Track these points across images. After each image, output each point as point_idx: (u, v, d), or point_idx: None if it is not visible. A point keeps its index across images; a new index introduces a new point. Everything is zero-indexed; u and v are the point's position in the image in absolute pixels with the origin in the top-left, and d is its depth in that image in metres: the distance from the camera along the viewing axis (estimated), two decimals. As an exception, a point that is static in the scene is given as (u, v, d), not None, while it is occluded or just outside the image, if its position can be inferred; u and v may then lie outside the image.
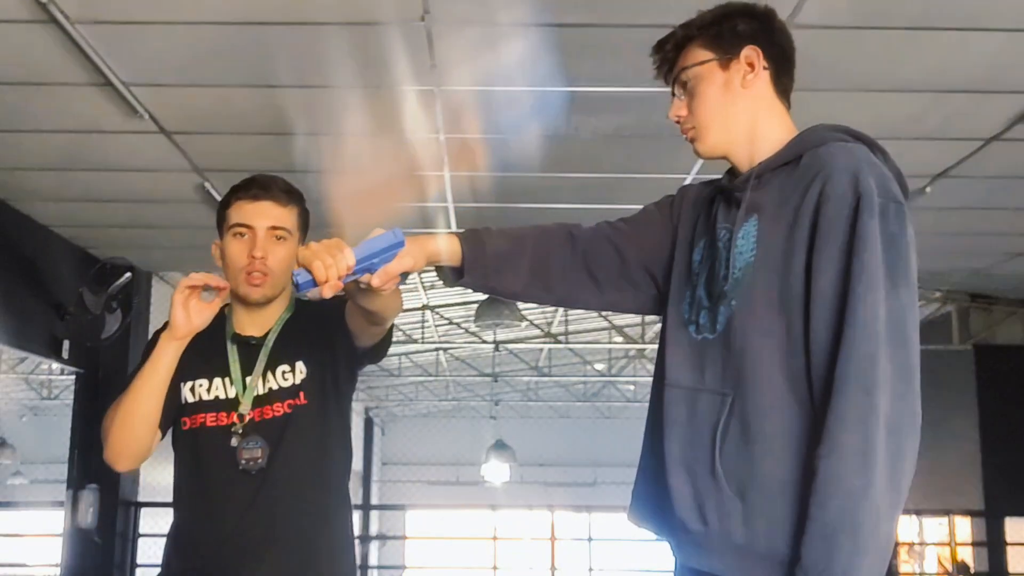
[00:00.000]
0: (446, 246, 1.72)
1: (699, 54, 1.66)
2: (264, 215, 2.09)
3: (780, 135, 1.64)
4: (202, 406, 2.11)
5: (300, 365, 2.12)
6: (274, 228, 2.09)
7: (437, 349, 11.77)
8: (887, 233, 1.47)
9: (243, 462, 2.04)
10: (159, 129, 3.90)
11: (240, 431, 2.06)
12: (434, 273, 1.82)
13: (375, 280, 1.61)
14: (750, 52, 1.64)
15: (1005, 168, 4.30)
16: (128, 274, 5.56)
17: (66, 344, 5.47)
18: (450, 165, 4.35)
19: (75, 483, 5.85)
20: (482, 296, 7.22)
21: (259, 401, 2.09)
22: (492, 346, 11.07)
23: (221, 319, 2.17)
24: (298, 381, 2.11)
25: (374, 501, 16.10)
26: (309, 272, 1.57)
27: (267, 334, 2.15)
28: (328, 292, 1.58)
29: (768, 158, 1.62)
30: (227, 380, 2.11)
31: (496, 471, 13.85)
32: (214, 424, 2.09)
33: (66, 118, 3.82)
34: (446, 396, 14.98)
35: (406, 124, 3.87)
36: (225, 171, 4.37)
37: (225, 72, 3.41)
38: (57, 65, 3.30)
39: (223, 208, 2.14)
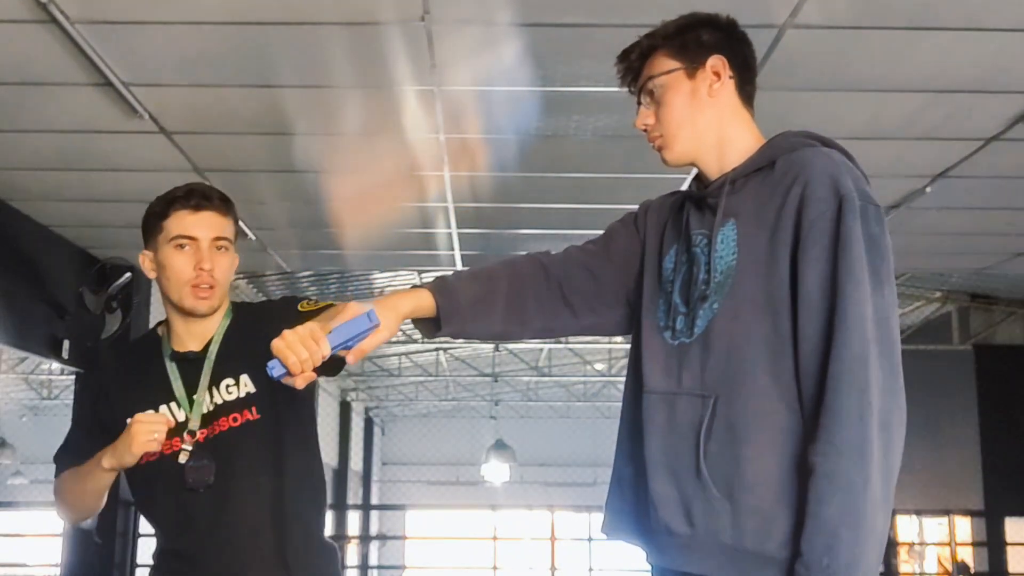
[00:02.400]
0: (419, 303, 1.71)
1: (666, 63, 1.68)
2: (207, 225, 2.05)
3: (748, 142, 1.68)
4: None
5: (245, 378, 2.06)
6: (217, 239, 2.06)
7: (437, 349, 11.77)
8: (869, 234, 1.51)
9: (190, 480, 2.00)
10: (159, 129, 3.90)
11: (190, 449, 2.02)
12: (432, 275, 1.82)
13: (350, 357, 1.63)
14: (716, 62, 1.67)
15: (1005, 168, 4.30)
16: (128, 274, 5.57)
17: (66, 344, 5.46)
18: (450, 165, 4.35)
19: (75, 483, 5.84)
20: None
21: (207, 418, 2.04)
22: (492, 346, 11.08)
23: (156, 341, 2.13)
24: (243, 394, 2.05)
25: (374, 501, 16.11)
26: (283, 364, 1.56)
27: (207, 347, 2.09)
28: (301, 384, 1.59)
29: (741, 164, 1.65)
30: (173, 404, 2.06)
31: (496, 471, 13.86)
32: (169, 451, 2.03)
33: (66, 118, 3.82)
34: (446, 396, 14.97)
35: (406, 124, 3.87)
36: (225, 171, 4.36)
37: (225, 72, 3.41)
38: (57, 65, 3.30)
39: (157, 219, 2.08)
